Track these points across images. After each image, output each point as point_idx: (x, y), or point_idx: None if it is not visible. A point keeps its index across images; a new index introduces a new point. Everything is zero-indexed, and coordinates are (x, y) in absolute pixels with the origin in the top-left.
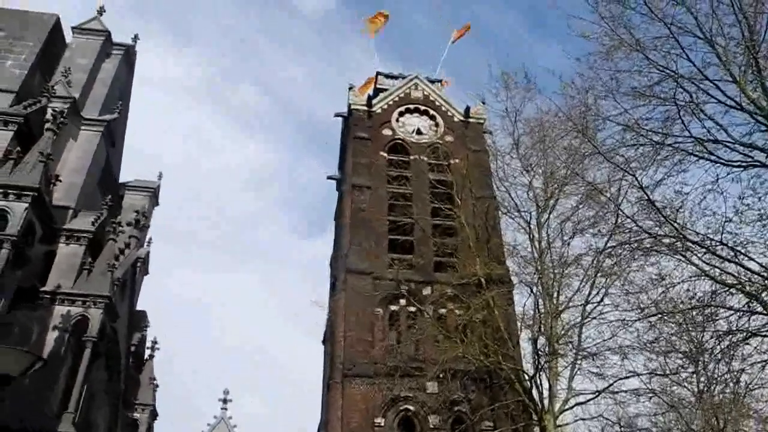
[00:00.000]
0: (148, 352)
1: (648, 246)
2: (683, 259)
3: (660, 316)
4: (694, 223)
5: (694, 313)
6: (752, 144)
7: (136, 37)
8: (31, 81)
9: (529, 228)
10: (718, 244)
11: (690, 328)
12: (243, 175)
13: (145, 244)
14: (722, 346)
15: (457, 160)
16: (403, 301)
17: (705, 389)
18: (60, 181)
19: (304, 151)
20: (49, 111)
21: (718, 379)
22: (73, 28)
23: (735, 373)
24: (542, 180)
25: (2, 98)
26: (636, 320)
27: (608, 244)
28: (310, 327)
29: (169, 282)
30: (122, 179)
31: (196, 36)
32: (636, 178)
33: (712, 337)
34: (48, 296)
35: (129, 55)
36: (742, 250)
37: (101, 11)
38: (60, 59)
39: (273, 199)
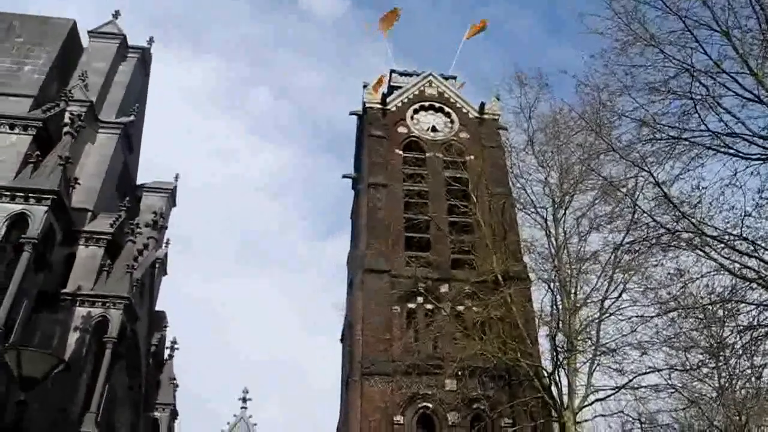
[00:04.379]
0: (167, 352)
1: (666, 242)
2: (702, 254)
3: (680, 311)
4: (712, 218)
5: (715, 308)
6: None
7: (151, 40)
8: (50, 85)
9: (546, 224)
10: (737, 238)
11: (710, 323)
12: (260, 180)
13: (163, 245)
14: (743, 341)
15: (472, 157)
16: (420, 299)
17: (726, 385)
18: (79, 184)
19: (320, 153)
20: (67, 115)
21: (740, 374)
22: (89, 32)
23: (757, 369)
24: (558, 176)
25: (21, 103)
26: (655, 316)
27: (625, 240)
28: (328, 328)
29: (187, 284)
30: (140, 182)
31: (211, 43)
32: (652, 175)
33: (732, 332)
34: (69, 298)
35: (144, 58)
36: (763, 244)
37: (116, 15)
38: (77, 63)
39: (290, 202)
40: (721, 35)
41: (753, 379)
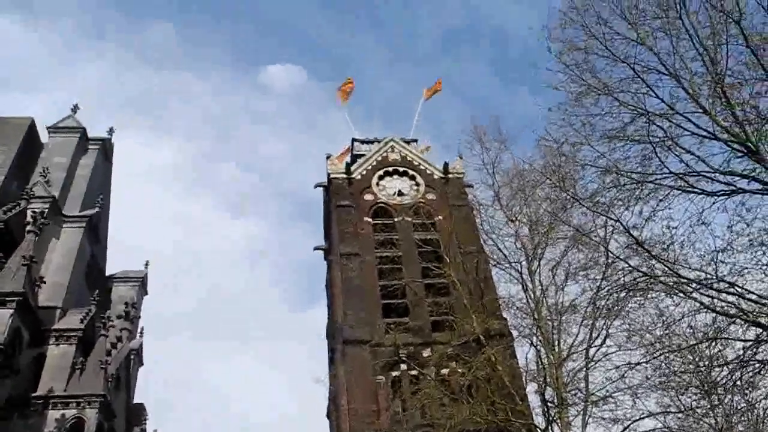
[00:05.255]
0: None
1: (643, 285)
2: (681, 295)
3: (666, 354)
4: (687, 257)
5: (702, 346)
6: (732, 171)
7: (111, 130)
8: (9, 185)
9: (522, 278)
10: (713, 278)
11: (699, 363)
12: (231, 254)
13: (138, 335)
14: (735, 379)
15: (441, 218)
16: (404, 366)
17: (724, 423)
18: (44, 282)
19: (291, 223)
20: (29, 213)
21: (736, 410)
22: (48, 127)
23: (751, 404)
24: (528, 229)
25: None
26: (641, 363)
27: (602, 286)
28: (313, 400)
29: (167, 369)
30: (109, 271)
31: (173, 122)
32: (621, 222)
33: (722, 370)
34: (41, 402)
35: (106, 148)
36: (739, 282)
37: (75, 109)
38: (38, 159)
39: (264, 275)
40: (670, 78)
41: (749, 414)
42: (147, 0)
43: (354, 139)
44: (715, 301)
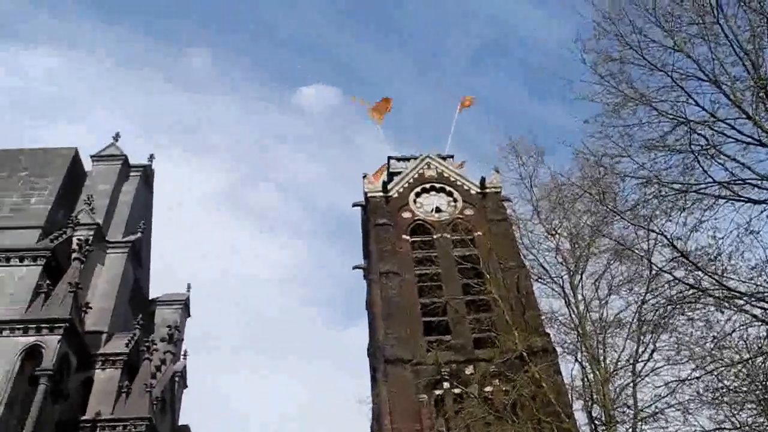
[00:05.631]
0: None
1: (691, 299)
2: (731, 309)
3: (718, 368)
4: (736, 267)
5: (757, 361)
6: None
7: (151, 157)
8: (56, 213)
9: (564, 292)
10: (765, 289)
11: (755, 377)
12: (272, 276)
13: (181, 357)
14: None
15: (479, 233)
16: (446, 385)
17: None
18: (90, 308)
19: (329, 243)
20: (75, 240)
21: None
22: (91, 156)
23: None
24: (569, 242)
25: (30, 234)
26: (693, 378)
27: (647, 299)
28: (355, 419)
29: (210, 391)
30: (152, 295)
31: (210, 147)
32: (664, 235)
33: None
34: (89, 425)
35: (147, 174)
36: None
37: (117, 137)
38: (82, 188)
39: (305, 295)
40: (710, 84)
41: None
42: (185, 27)
43: (390, 157)
44: None
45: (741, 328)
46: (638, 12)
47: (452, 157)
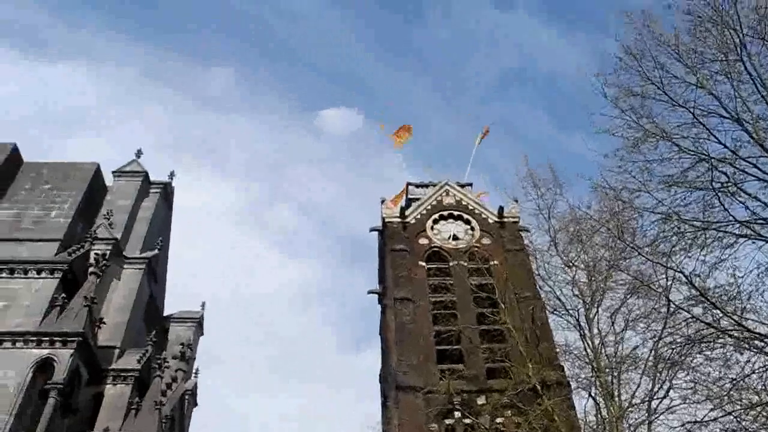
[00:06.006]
0: None
1: (709, 338)
2: (750, 349)
3: (737, 410)
4: (756, 307)
5: None
6: None
7: (172, 174)
8: (75, 227)
9: (579, 325)
10: None
11: None
12: (286, 296)
13: (192, 375)
14: None
15: (496, 262)
16: (458, 414)
17: None
18: (104, 323)
19: (345, 266)
20: (93, 254)
21: None
22: (113, 172)
23: None
24: (585, 274)
25: (48, 247)
26: (710, 420)
27: (664, 336)
28: None
29: (220, 410)
30: (167, 311)
31: (231, 165)
32: (683, 273)
33: None
34: None
35: (167, 191)
36: None
37: (139, 154)
38: (102, 202)
39: (318, 317)
40: (732, 122)
41: None
42: (209, 45)
43: (409, 183)
44: None
45: (760, 369)
46: (661, 48)
47: (471, 185)
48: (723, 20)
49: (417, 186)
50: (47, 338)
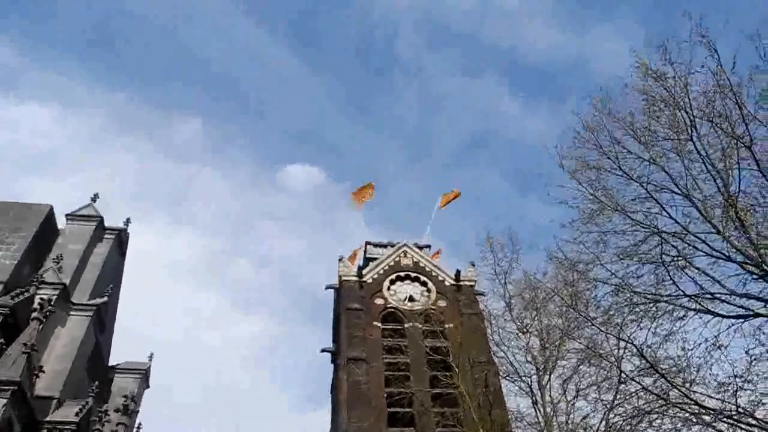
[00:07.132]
0: None
1: (658, 411)
2: (698, 423)
3: None
4: (705, 380)
5: None
6: (748, 294)
7: (128, 221)
8: (21, 270)
9: (532, 392)
10: (733, 408)
11: None
12: (239, 350)
13: (135, 429)
14: None
15: (451, 326)
16: None
17: None
18: (44, 371)
19: (301, 322)
20: (37, 299)
21: None
22: (66, 215)
23: None
24: (539, 341)
25: None
26: None
27: (615, 406)
28: None
29: None
30: (114, 361)
31: (191, 217)
32: (634, 345)
33: None
34: None
35: (120, 238)
36: (758, 413)
37: (95, 198)
38: (53, 246)
39: (269, 373)
40: (683, 198)
41: None
42: (179, 95)
43: (367, 242)
44: (738, 430)
45: None
46: (617, 124)
47: (429, 247)
48: (675, 101)
49: (375, 246)
50: None
